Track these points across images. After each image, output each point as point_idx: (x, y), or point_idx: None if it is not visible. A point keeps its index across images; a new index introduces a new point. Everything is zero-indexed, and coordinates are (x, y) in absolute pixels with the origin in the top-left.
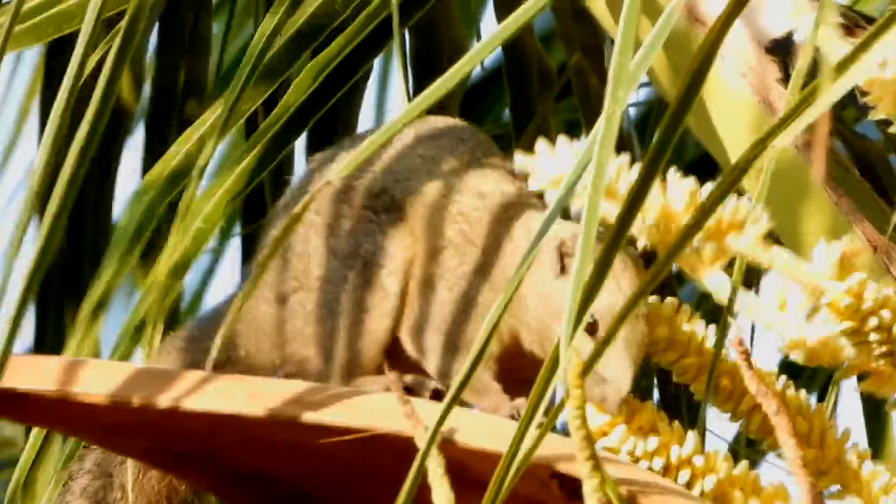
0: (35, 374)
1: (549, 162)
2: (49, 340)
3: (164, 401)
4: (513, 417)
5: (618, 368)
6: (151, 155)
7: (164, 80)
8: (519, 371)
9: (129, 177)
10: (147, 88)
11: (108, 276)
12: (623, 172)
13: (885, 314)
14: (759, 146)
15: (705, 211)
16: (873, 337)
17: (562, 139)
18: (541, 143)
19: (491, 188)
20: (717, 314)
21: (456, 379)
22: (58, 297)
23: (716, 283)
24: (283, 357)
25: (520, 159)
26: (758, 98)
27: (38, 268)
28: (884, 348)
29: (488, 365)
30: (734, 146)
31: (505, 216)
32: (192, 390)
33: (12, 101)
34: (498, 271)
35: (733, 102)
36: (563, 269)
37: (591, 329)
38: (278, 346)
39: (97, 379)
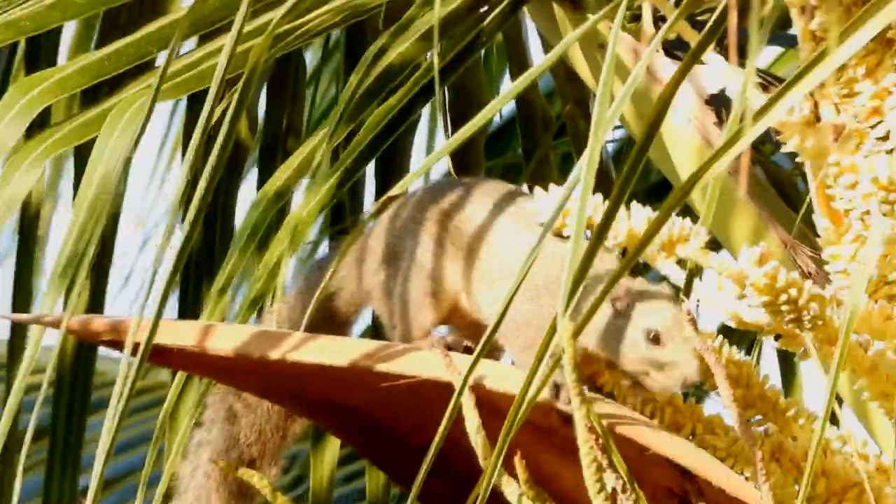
0: (179, 333)
1: (551, 199)
2: (189, 311)
3: (273, 354)
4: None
5: (686, 360)
6: (263, 178)
7: (272, 124)
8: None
9: (248, 193)
10: (260, 130)
11: (232, 264)
12: (599, 207)
13: (793, 291)
14: (700, 172)
15: (659, 220)
16: (784, 308)
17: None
18: (539, 189)
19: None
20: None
21: (483, 340)
22: (196, 279)
23: (670, 271)
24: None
25: (530, 203)
26: (700, 136)
27: (181, 257)
28: (792, 316)
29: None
30: (683, 172)
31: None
32: (293, 347)
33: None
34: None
35: (682, 140)
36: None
37: (656, 339)
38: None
39: (224, 338)
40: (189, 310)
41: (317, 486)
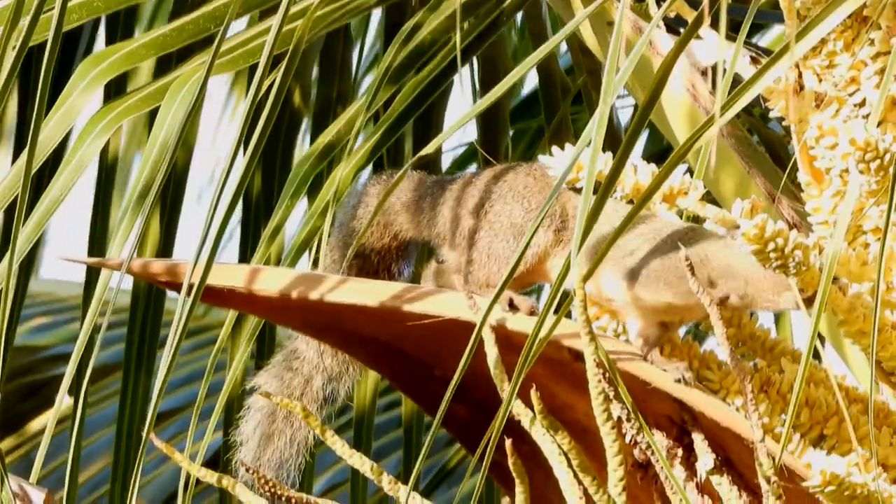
0: (230, 275)
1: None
2: (250, 255)
3: (313, 295)
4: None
5: (786, 292)
6: (314, 137)
7: (324, 91)
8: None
9: (300, 148)
10: (313, 98)
11: (285, 208)
12: (608, 162)
13: (780, 241)
14: (695, 135)
15: (661, 175)
16: (772, 255)
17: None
18: (555, 147)
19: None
20: None
21: (499, 284)
22: (255, 226)
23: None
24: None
25: (543, 158)
26: (696, 104)
27: (232, 205)
28: (779, 262)
29: None
30: (682, 135)
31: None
32: (331, 288)
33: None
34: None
35: (680, 107)
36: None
37: (722, 301)
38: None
39: (269, 280)
40: (250, 253)
41: (359, 411)
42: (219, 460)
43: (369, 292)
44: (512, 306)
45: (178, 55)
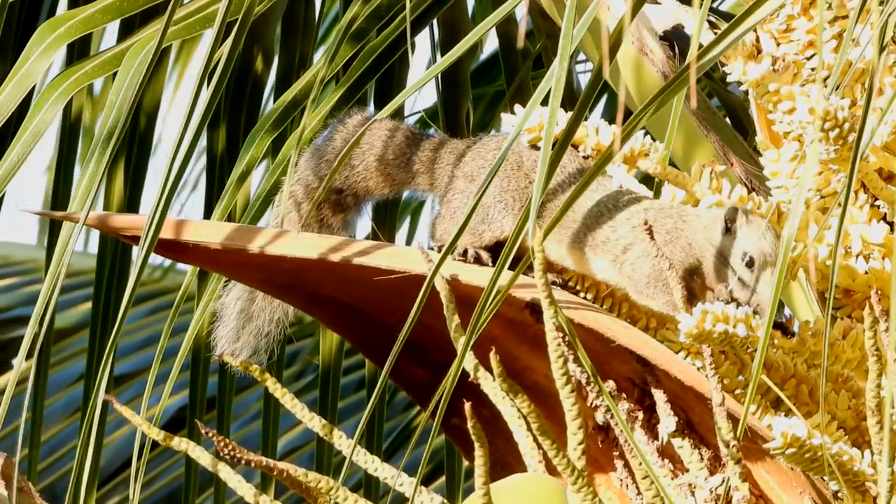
0: (195, 231)
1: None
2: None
3: (251, 247)
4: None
5: (763, 288)
6: (280, 92)
7: (286, 55)
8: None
9: (267, 101)
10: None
11: (252, 154)
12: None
13: (720, 326)
14: (655, 98)
15: (621, 136)
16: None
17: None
18: (517, 106)
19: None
20: None
21: (448, 242)
22: (220, 184)
23: (632, 184)
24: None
25: (507, 117)
26: (655, 68)
27: (189, 155)
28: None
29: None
30: (641, 100)
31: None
32: (268, 241)
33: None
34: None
35: (639, 71)
36: (728, 230)
37: (749, 264)
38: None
39: (212, 232)
40: (214, 199)
41: (324, 368)
42: (182, 422)
43: (307, 245)
44: (477, 261)
45: (141, 18)
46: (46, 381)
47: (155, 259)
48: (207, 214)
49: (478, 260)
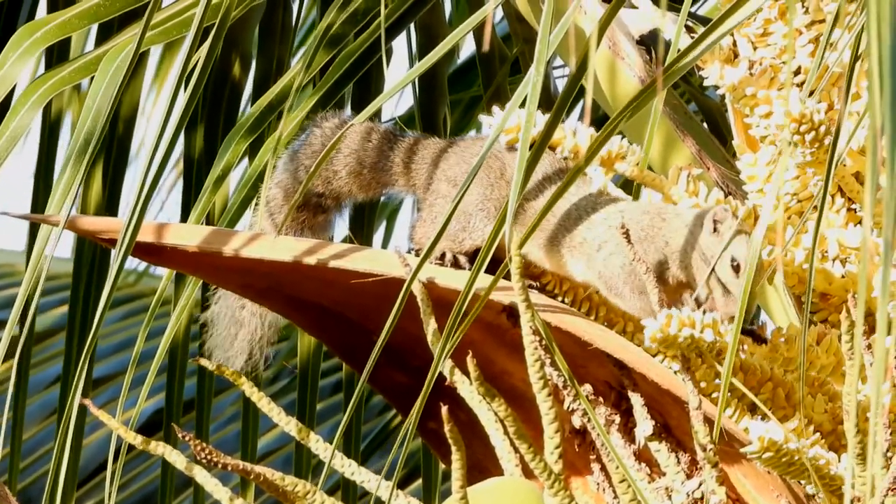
0: (174, 234)
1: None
2: (192, 200)
3: (226, 250)
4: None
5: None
6: (257, 96)
7: (264, 61)
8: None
9: (245, 105)
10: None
11: (228, 158)
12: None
13: (686, 331)
14: (632, 102)
15: (599, 138)
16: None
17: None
18: (495, 108)
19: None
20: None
21: (426, 246)
22: (197, 189)
23: (608, 185)
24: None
25: (485, 119)
26: (632, 73)
27: (166, 159)
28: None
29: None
30: (618, 104)
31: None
32: (263, 248)
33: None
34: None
35: (617, 75)
36: (715, 230)
37: (737, 269)
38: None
39: (190, 235)
40: (192, 200)
41: (303, 369)
42: (159, 425)
43: (282, 248)
44: (455, 265)
45: (119, 23)
46: (27, 382)
47: (130, 263)
48: (185, 217)
49: (455, 264)
